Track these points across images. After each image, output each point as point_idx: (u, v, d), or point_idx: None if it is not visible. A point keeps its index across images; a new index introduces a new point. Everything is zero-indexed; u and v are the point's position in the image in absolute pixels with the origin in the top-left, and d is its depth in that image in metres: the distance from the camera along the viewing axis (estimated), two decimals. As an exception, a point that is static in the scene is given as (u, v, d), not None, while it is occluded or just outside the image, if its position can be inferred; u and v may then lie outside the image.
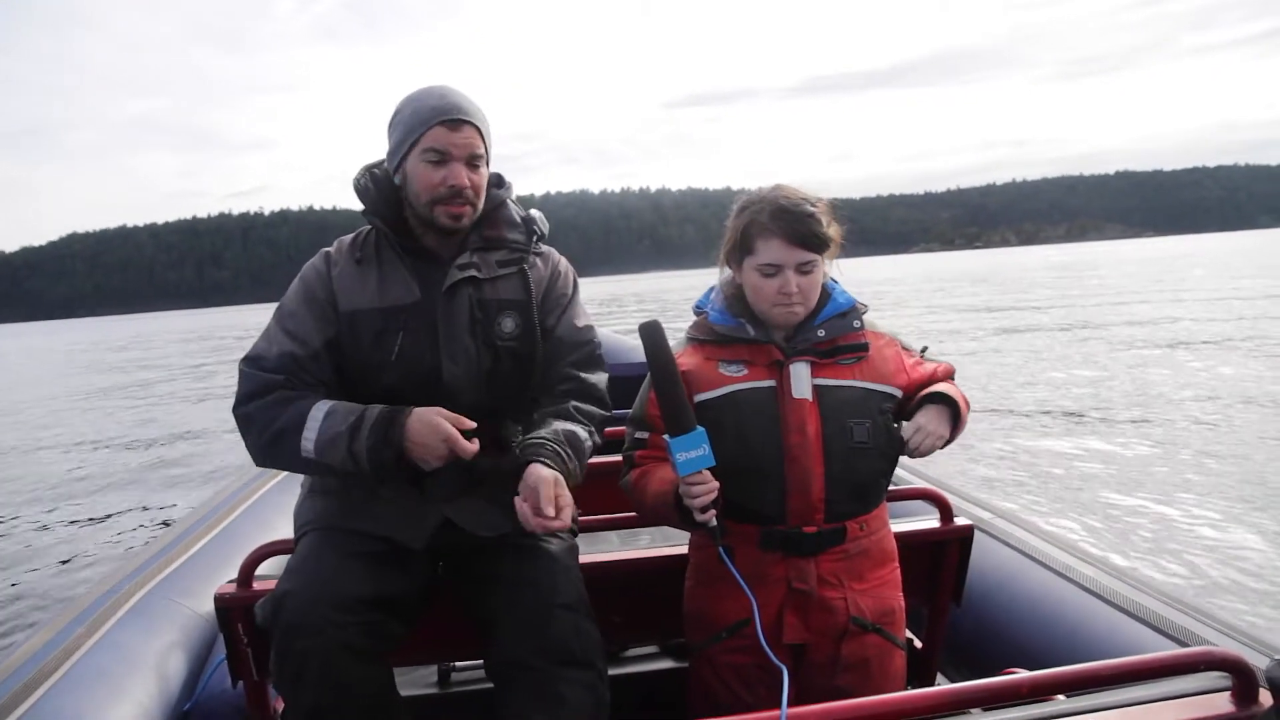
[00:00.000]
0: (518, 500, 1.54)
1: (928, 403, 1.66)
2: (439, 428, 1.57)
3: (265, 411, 1.64)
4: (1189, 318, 17.87)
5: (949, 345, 16.12)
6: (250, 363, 1.70)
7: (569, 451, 1.65)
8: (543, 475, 1.55)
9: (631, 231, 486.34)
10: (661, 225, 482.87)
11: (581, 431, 1.72)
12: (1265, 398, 9.31)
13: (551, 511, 1.51)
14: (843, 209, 1.69)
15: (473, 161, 1.71)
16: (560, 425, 1.70)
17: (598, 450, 1.79)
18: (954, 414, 1.65)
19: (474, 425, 1.60)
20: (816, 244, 1.63)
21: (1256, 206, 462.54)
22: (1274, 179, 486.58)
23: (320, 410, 1.61)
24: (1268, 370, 11.00)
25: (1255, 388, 9.87)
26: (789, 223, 1.61)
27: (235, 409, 1.68)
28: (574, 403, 1.77)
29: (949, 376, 1.78)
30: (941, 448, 1.64)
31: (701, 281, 1.86)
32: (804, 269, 1.63)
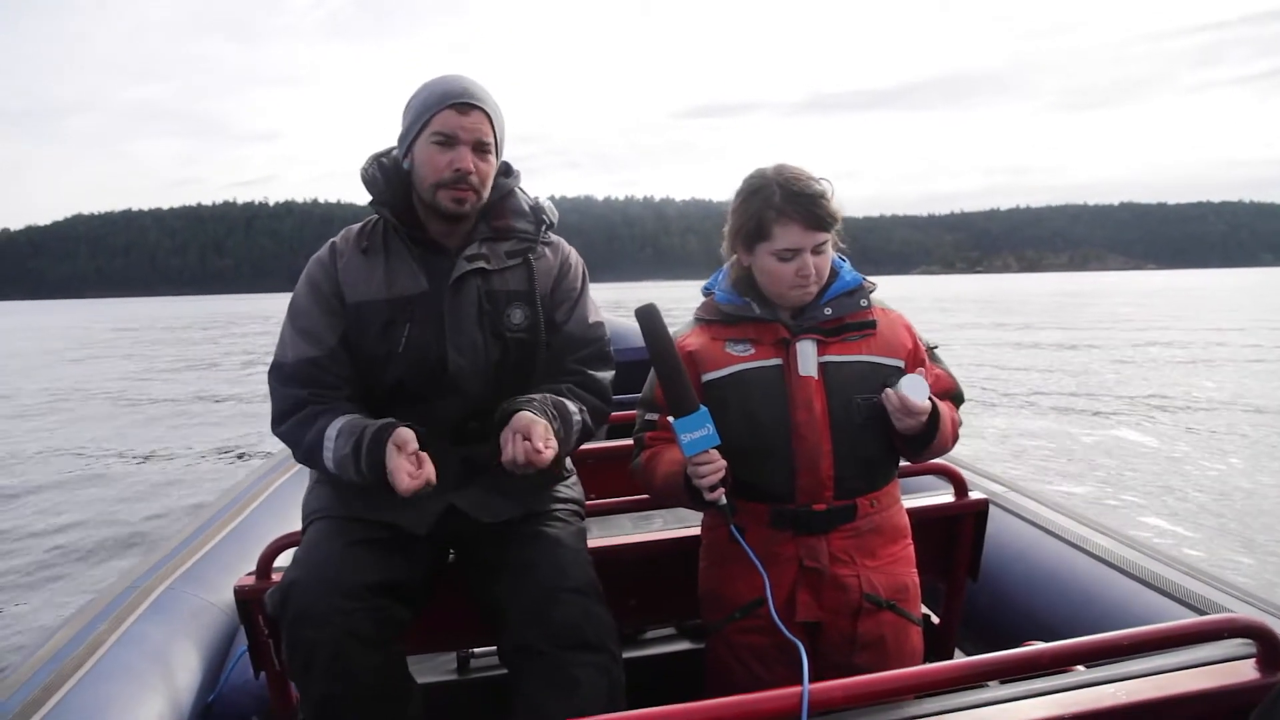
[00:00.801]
0: (504, 434, 1.56)
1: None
2: (389, 462, 1.53)
3: (294, 432, 1.68)
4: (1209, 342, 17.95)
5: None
6: (275, 374, 1.72)
7: (554, 413, 1.66)
8: (534, 418, 1.58)
9: (634, 239, 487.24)
10: (664, 234, 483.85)
11: (571, 405, 1.72)
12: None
13: (543, 448, 1.52)
14: (846, 227, 1.69)
15: (480, 148, 1.70)
16: (551, 395, 1.71)
17: (590, 436, 1.80)
18: (934, 420, 1.61)
19: (417, 455, 1.54)
20: (830, 224, 1.63)
21: (1259, 244, 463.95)
22: (1276, 217, 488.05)
23: (333, 430, 1.63)
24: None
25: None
26: (805, 206, 1.60)
27: (272, 429, 1.72)
28: (571, 387, 1.78)
29: (945, 392, 1.75)
30: (913, 435, 1.61)
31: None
32: (819, 249, 1.63)
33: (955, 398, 1.77)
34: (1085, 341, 19.22)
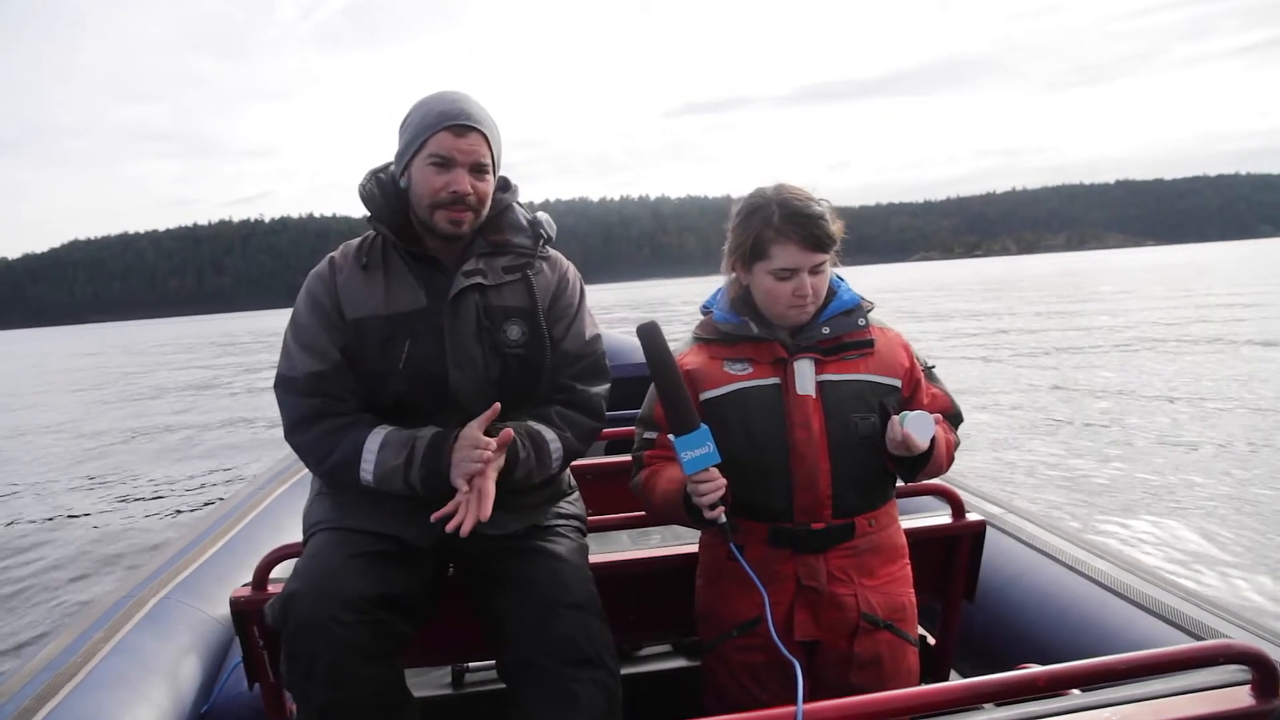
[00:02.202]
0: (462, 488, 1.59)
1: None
2: (470, 455, 1.60)
3: (319, 443, 1.68)
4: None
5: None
6: (283, 387, 1.72)
7: (527, 443, 1.68)
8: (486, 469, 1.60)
9: (631, 240, 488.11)
10: (661, 233, 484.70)
11: (549, 434, 1.73)
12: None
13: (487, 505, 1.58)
14: (842, 217, 1.69)
15: (478, 169, 1.71)
16: (530, 423, 1.72)
17: (577, 455, 1.80)
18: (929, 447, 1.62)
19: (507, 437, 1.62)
20: (828, 245, 1.64)
21: (1256, 215, 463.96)
22: (1273, 188, 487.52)
23: (374, 443, 1.64)
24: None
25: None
26: (803, 226, 1.61)
27: (287, 437, 1.73)
28: (558, 408, 1.78)
29: (942, 410, 1.75)
30: (908, 462, 1.62)
31: (702, 289, 1.87)
32: (816, 270, 1.64)
33: (952, 418, 1.78)
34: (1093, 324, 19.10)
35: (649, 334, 1.56)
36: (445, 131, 1.67)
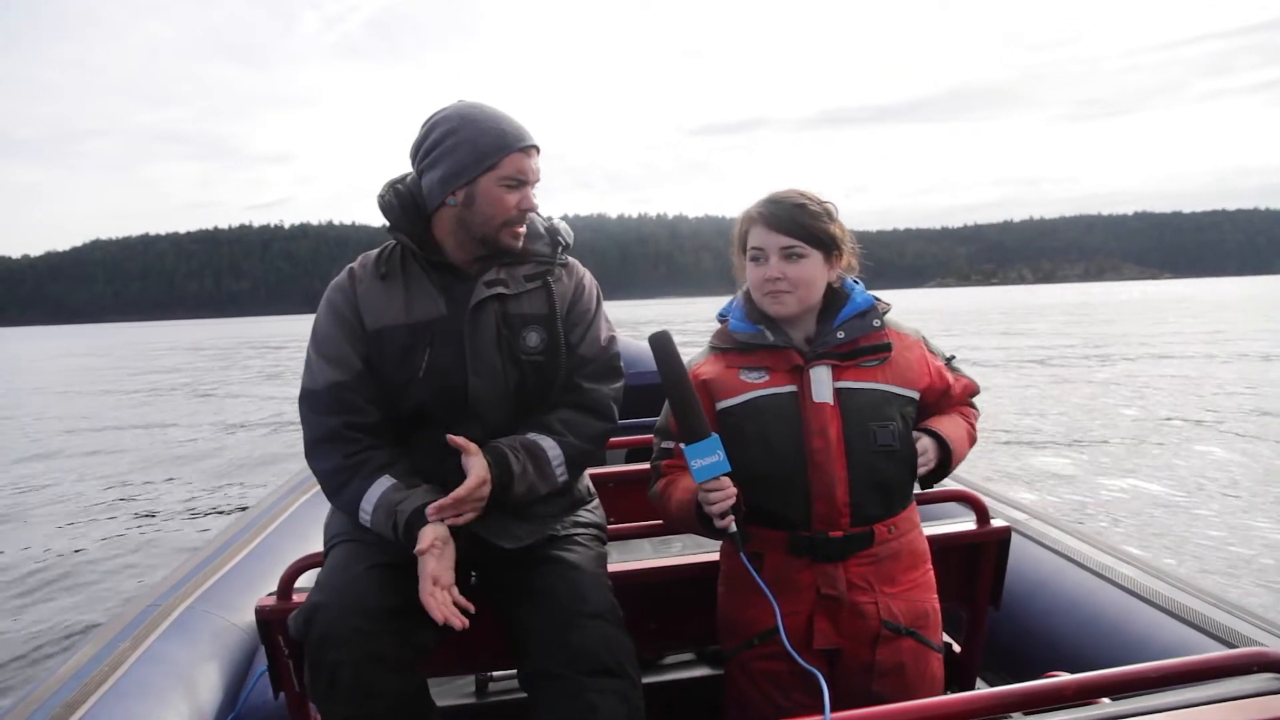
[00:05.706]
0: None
1: (925, 435, 1.69)
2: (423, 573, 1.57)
3: (330, 477, 1.71)
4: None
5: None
6: (305, 402, 1.75)
7: (522, 455, 1.68)
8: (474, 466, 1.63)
9: (648, 257, 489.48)
10: (678, 252, 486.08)
11: (547, 442, 1.73)
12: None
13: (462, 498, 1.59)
14: (859, 241, 1.72)
15: (534, 184, 1.77)
16: (529, 435, 1.73)
17: (588, 459, 1.81)
18: (944, 453, 1.68)
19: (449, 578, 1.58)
20: (800, 232, 1.63)
21: (1274, 250, 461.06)
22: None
23: (369, 502, 1.65)
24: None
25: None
26: (772, 209, 1.65)
27: (306, 457, 1.76)
28: (563, 412, 1.78)
29: (969, 395, 1.79)
30: (930, 475, 1.68)
31: (719, 309, 1.86)
32: (787, 254, 1.63)
33: (971, 395, 1.82)
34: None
35: (660, 343, 1.57)
36: (519, 153, 1.71)
